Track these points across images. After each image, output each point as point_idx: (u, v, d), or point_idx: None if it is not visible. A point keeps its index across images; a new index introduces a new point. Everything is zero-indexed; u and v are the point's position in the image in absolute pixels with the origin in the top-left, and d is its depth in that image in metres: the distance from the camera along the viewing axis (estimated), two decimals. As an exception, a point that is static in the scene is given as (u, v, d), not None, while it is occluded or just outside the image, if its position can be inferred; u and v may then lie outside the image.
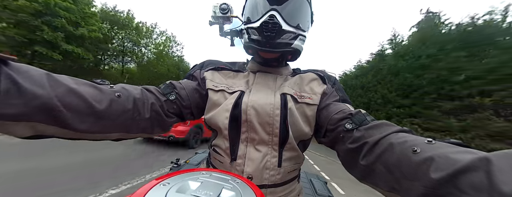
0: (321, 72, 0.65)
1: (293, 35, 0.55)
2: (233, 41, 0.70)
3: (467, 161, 0.25)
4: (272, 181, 0.53)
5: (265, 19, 0.51)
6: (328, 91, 0.60)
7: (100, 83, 0.42)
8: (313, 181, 1.29)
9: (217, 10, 0.63)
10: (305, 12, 0.58)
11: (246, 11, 0.61)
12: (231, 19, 0.65)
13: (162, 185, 0.28)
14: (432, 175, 0.27)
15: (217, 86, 0.59)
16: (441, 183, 0.26)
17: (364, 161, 0.40)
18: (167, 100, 0.53)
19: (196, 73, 0.64)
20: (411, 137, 0.36)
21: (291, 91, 0.57)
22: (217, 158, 0.58)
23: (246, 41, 0.57)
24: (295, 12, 0.55)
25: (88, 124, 0.37)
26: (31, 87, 0.29)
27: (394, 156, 0.35)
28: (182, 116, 0.58)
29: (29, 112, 0.30)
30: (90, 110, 0.36)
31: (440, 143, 0.33)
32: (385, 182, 0.37)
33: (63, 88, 0.34)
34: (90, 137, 0.40)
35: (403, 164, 0.33)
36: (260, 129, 0.53)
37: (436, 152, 0.30)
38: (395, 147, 0.36)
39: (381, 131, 0.41)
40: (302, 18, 0.57)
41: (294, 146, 0.55)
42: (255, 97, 0.55)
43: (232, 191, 0.30)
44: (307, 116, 0.56)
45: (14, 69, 0.29)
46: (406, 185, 0.32)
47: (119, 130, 0.43)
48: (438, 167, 0.27)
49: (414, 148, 0.32)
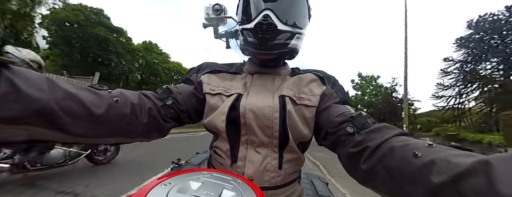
0: (321, 72, 0.64)
1: (290, 34, 0.53)
2: (229, 43, 0.68)
3: (467, 164, 0.25)
4: (272, 183, 0.53)
5: (259, 19, 0.49)
6: (327, 92, 0.58)
7: (99, 88, 0.42)
8: (314, 182, 1.28)
9: (210, 11, 0.61)
10: (302, 8, 0.56)
11: (240, 11, 0.59)
12: (225, 20, 0.63)
13: (163, 185, 0.29)
14: (433, 179, 0.27)
15: (214, 89, 0.58)
16: (442, 187, 0.26)
17: (365, 165, 0.40)
18: (164, 105, 0.53)
19: (193, 77, 0.63)
20: (411, 141, 0.36)
21: (290, 92, 0.56)
22: (217, 159, 0.57)
23: (242, 43, 0.56)
24: (291, 9, 0.53)
25: (85, 128, 0.37)
26: (30, 91, 0.29)
27: (395, 160, 0.35)
28: (180, 120, 0.58)
29: (27, 115, 0.30)
30: (88, 114, 0.36)
31: (441, 146, 0.32)
32: (386, 186, 0.37)
33: (62, 92, 0.34)
34: (87, 141, 0.40)
35: (404, 168, 0.33)
36: (259, 132, 0.53)
37: (436, 155, 0.29)
38: (396, 151, 0.36)
39: (382, 135, 0.41)
40: (299, 14, 0.55)
41: (294, 148, 0.54)
42: (253, 99, 0.54)
43: (233, 192, 0.30)
44: (306, 118, 0.55)
45: (14, 72, 0.29)
46: (407, 189, 0.32)
47: (117, 135, 0.43)
48: (439, 171, 0.27)
49: (415, 152, 0.32)
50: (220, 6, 0.60)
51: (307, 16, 0.60)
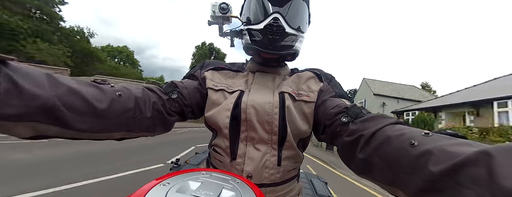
0: (318, 70, 0.66)
1: (295, 37, 0.56)
2: (233, 42, 0.70)
3: (467, 154, 0.25)
4: (271, 180, 0.54)
5: (270, 21, 0.52)
6: (324, 88, 0.61)
7: (101, 83, 0.42)
8: (313, 181, 1.29)
9: (217, 9, 0.62)
10: (304, 14, 0.59)
11: (245, 11, 0.62)
12: (230, 19, 0.64)
13: (162, 185, 0.28)
14: (431, 168, 0.27)
15: (217, 85, 0.60)
16: (441, 176, 0.26)
17: (361, 154, 0.40)
18: (169, 99, 0.53)
19: (197, 73, 0.65)
20: (407, 129, 0.36)
21: (289, 89, 0.58)
22: (217, 157, 0.58)
23: (248, 42, 0.58)
24: (296, 14, 0.56)
25: (89, 123, 0.37)
26: (31, 87, 0.29)
27: (391, 149, 0.35)
28: (184, 114, 0.58)
29: (29, 112, 0.30)
30: (91, 109, 0.36)
31: (437, 135, 0.32)
32: (383, 176, 0.36)
33: (64, 88, 0.34)
34: (92, 136, 0.40)
35: (401, 157, 0.32)
36: (259, 127, 0.54)
37: (434, 145, 0.29)
38: (392, 140, 0.35)
39: (377, 123, 0.41)
40: (302, 20, 0.59)
41: (293, 145, 0.55)
42: (254, 96, 0.56)
43: (232, 191, 0.30)
44: (305, 114, 0.57)
45: (14, 69, 0.29)
46: (404, 179, 0.31)
47: (121, 130, 0.43)
48: (437, 160, 0.27)
49: (411, 141, 0.32)
50: (227, 5, 0.61)
51: (308, 22, 0.63)
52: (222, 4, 0.61)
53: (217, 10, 0.62)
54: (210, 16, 0.64)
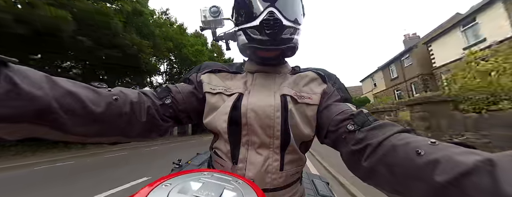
0: (321, 70, 0.63)
1: (293, 29, 0.54)
2: (229, 45, 0.68)
3: (471, 163, 0.25)
4: (274, 185, 0.52)
5: (265, 16, 0.50)
6: (328, 91, 0.58)
7: (98, 87, 0.42)
8: (315, 181, 1.28)
9: (207, 14, 0.60)
10: (298, 5, 0.57)
11: (237, 12, 0.60)
12: (223, 22, 0.62)
13: (163, 185, 0.28)
14: (437, 178, 0.27)
15: (215, 88, 0.58)
16: (446, 185, 0.26)
17: (367, 163, 0.40)
18: (163, 104, 0.53)
19: (193, 77, 0.63)
20: (414, 138, 0.36)
21: (291, 91, 0.56)
22: (218, 161, 0.57)
23: (245, 42, 0.56)
24: (290, 7, 0.54)
25: (85, 127, 0.37)
26: (30, 89, 0.29)
27: (397, 158, 0.35)
28: (179, 120, 0.58)
29: (27, 113, 0.30)
30: (87, 113, 0.36)
31: (444, 144, 0.32)
32: (388, 184, 0.36)
33: (61, 90, 0.33)
34: (86, 140, 0.40)
35: (407, 167, 0.32)
36: (260, 132, 0.52)
37: (440, 154, 0.29)
38: (398, 149, 0.35)
39: (384, 132, 0.40)
40: (297, 12, 0.56)
41: (296, 149, 0.54)
42: (254, 99, 0.54)
43: (234, 192, 0.29)
44: (307, 117, 0.55)
45: (14, 70, 0.29)
46: (409, 187, 0.32)
47: (116, 134, 0.43)
48: (442, 169, 0.27)
49: (418, 150, 0.32)
50: (217, 8, 0.60)
51: (302, 13, 0.61)
52: (212, 8, 0.60)
53: (208, 15, 0.60)
54: (202, 22, 0.62)
